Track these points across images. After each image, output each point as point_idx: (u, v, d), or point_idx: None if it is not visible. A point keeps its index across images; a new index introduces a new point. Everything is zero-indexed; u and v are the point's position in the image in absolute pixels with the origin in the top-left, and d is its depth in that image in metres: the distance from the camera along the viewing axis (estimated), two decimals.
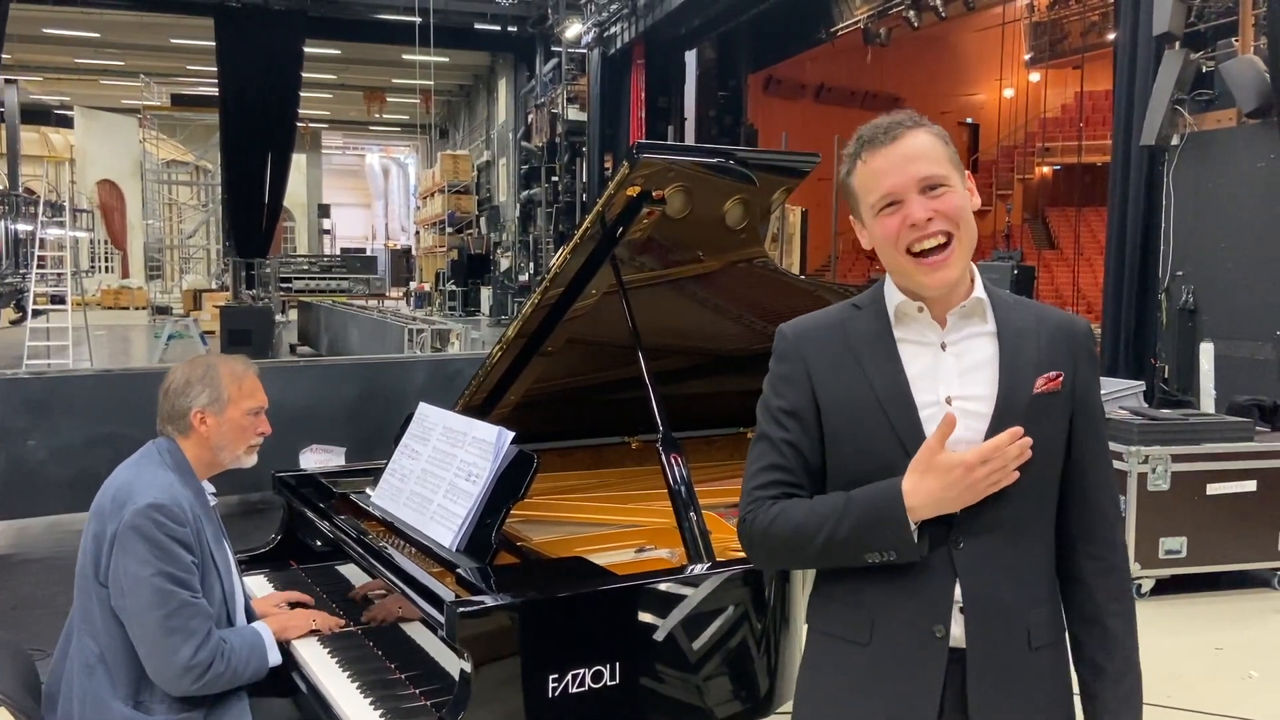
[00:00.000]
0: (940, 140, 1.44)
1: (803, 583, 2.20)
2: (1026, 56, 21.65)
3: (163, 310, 22.96)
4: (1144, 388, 5.78)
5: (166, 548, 2.00)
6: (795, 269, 12.70)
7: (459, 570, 2.02)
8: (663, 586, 1.98)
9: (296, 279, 24.51)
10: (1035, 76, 22.60)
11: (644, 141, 2.23)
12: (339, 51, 25.61)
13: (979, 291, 1.47)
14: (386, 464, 2.64)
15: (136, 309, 25.92)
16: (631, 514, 2.74)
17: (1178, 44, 7.22)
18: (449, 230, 28.60)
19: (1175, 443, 4.56)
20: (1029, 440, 1.36)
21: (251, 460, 2.27)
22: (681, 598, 1.99)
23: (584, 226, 2.35)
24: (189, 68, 27.86)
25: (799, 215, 12.85)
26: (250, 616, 2.29)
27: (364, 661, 2.16)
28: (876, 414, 1.43)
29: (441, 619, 1.81)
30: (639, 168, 2.20)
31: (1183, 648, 4.18)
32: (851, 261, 25.32)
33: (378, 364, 7.10)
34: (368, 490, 2.69)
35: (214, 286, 25.35)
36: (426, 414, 2.63)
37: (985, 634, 1.40)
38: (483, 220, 28.49)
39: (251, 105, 20.22)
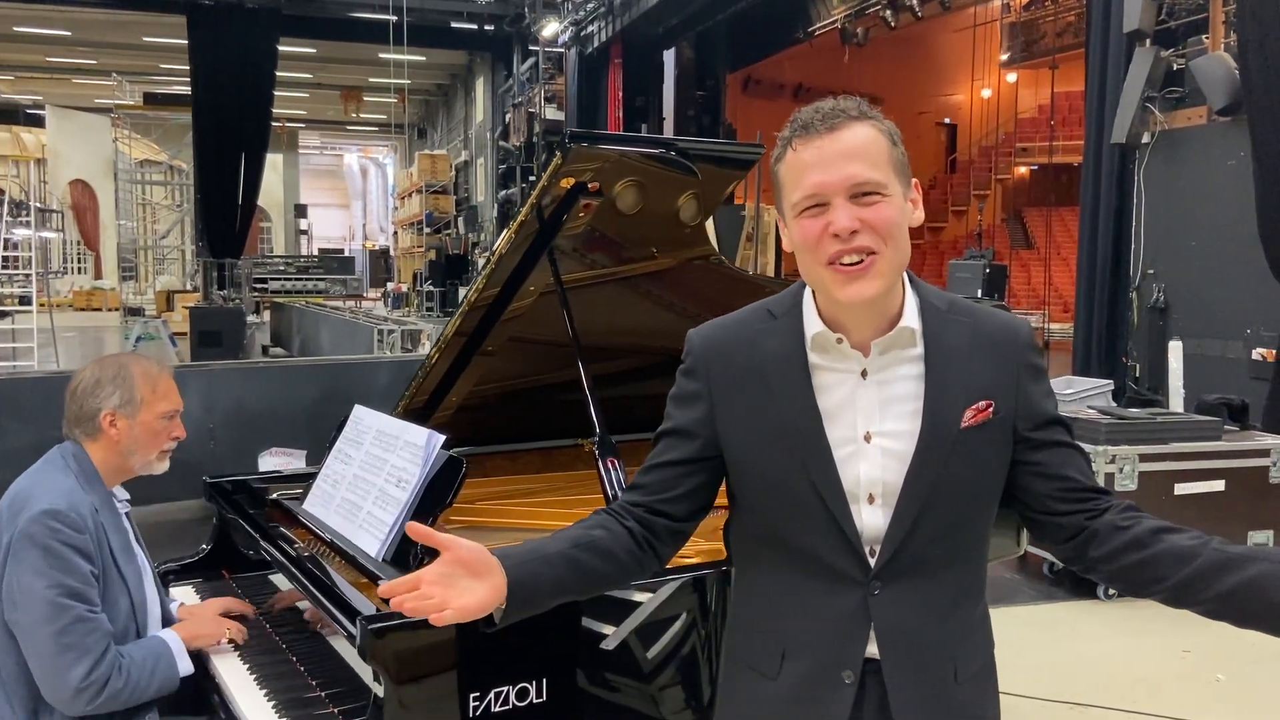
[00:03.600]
0: (886, 138, 1.26)
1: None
2: (1003, 57, 21.72)
3: (135, 312, 22.68)
4: (1112, 387, 5.74)
5: (63, 556, 1.89)
6: (770, 270, 12.63)
7: (380, 582, 1.92)
8: (595, 598, 1.87)
9: (272, 280, 24.27)
10: (1012, 77, 22.68)
11: (576, 130, 2.13)
12: (314, 50, 25.39)
13: (908, 319, 1.31)
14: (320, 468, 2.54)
15: (109, 310, 25.59)
16: (568, 520, 2.64)
17: (1148, 41, 7.20)
18: (427, 230, 28.42)
19: (1143, 442, 4.51)
20: (427, 588, 1.22)
21: (163, 466, 2.16)
22: (614, 609, 1.90)
23: (518, 219, 2.25)
24: (162, 66, 27.54)
25: (774, 216, 12.77)
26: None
27: (284, 679, 2.05)
28: (785, 449, 1.31)
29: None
30: (572, 158, 2.10)
31: (1150, 650, 4.12)
32: None
33: (341, 365, 6.99)
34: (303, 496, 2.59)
35: (188, 288, 25.08)
36: (361, 417, 2.52)
37: (907, 673, 1.32)
38: (460, 220, 28.32)
39: (225, 104, 19.99)
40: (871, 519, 1.30)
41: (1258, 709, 3.57)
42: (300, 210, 34.23)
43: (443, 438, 2.16)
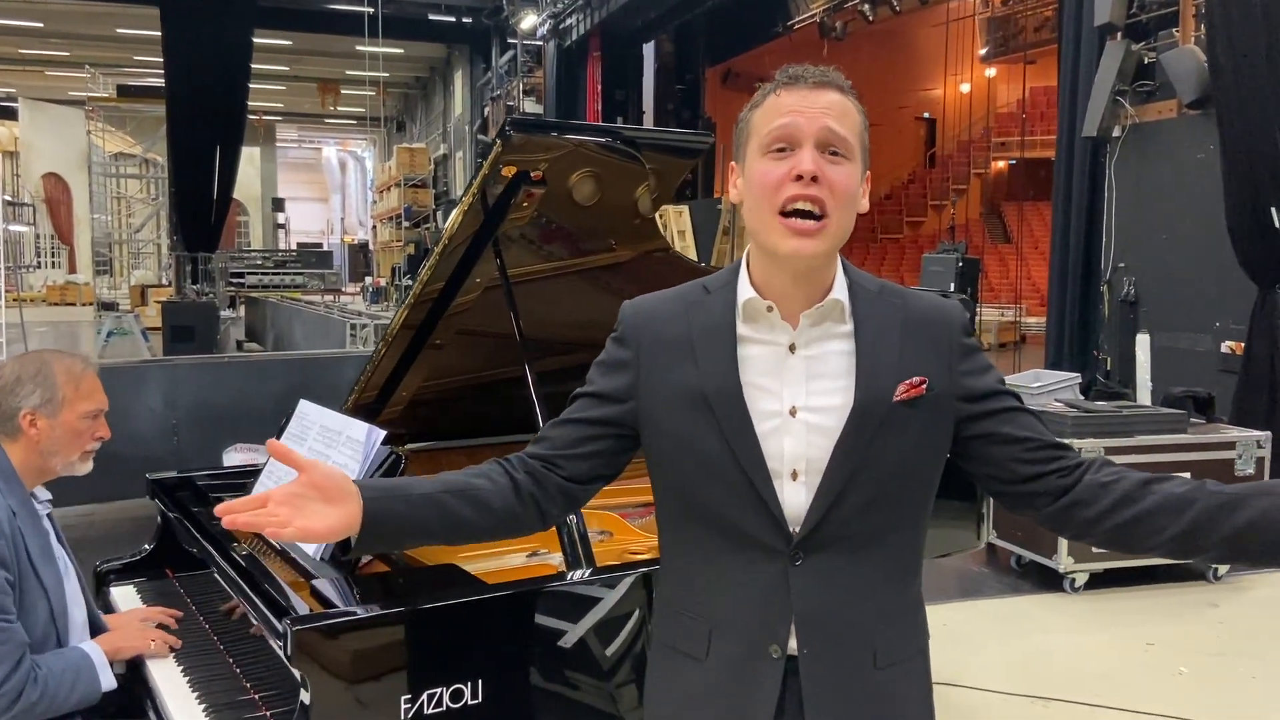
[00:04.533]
0: (862, 119, 1.29)
1: None
2: (981, 51, 21.76)
3: (109, 306, 22.43)
4: (1079, 380, 5.74)
5: None
6: None
7: (313, 582, 1.87)
8: (532, 596, 1.84)
9: (249, 274, 24.02)
10: (991, 71, 22.74)
11: (516, 118, 2.08)
12: (290, 42, 25.18)
13: (838, 292, 1.31)
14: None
15: (84, 305, 25.34)
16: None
17: (1120, 35, 7.20)
18: (406, 224, 28.22)
19: (1109, 435, 4.50)
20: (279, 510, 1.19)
21: (86, 467, 2.10)
22: (554, 607, 1.86)
23: (460, 209, 2.20)
24: (136, 58, 27.28)
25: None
26: (97, 636, 2.12)
27: (219, 681, 2.00)
28: (709, 421, 1.29)
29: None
30: (514, 146, 2.05)
31: (1114, 644, 4.12)
32: None
33: (310, 360, 6.92)
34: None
35: (162, 282, 24.84)
36: (306, 412, 2.47)
37: (823, 653, 1.28)
38: (440, 214, 28.17)
39: (200, 96, 19.74)
40: (794, 494, 1.28)
41: (1219, 701, 3.58)
42: (278, 204, 33.97)
43: (383, 433, 2.11)
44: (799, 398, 1.29)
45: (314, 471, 1.23)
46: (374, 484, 1.29)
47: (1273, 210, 5.84)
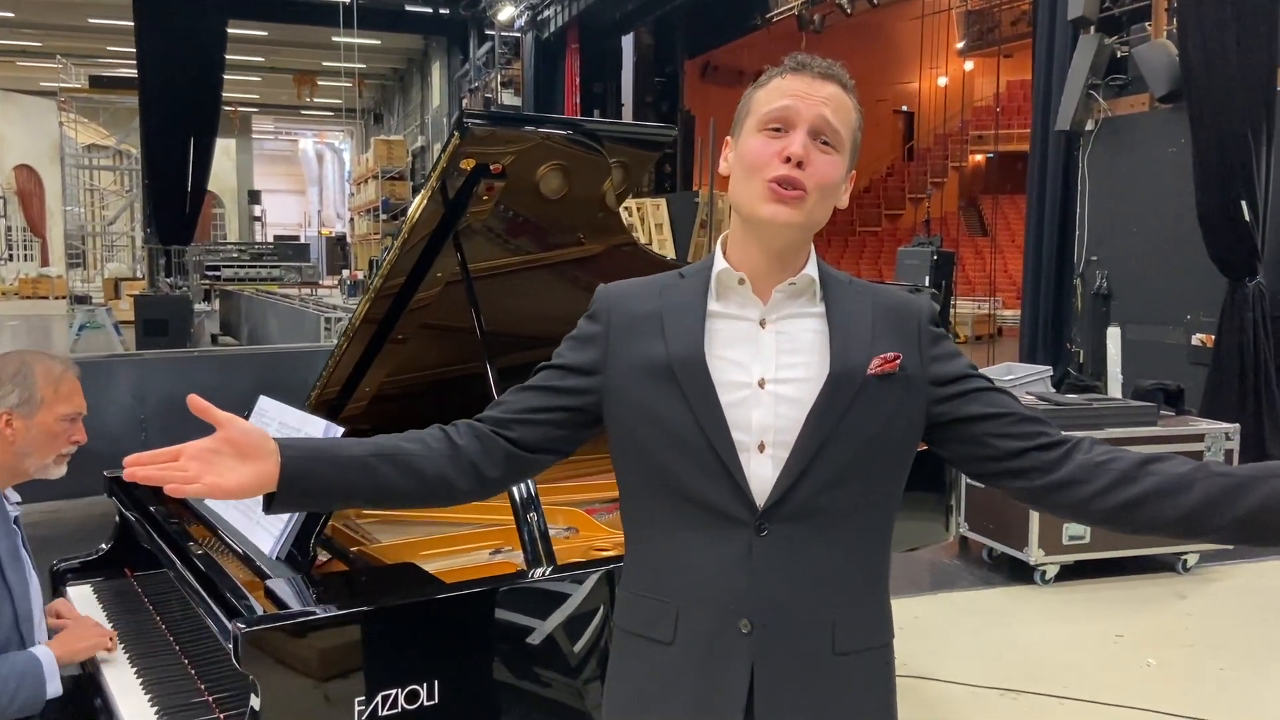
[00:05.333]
0: (857, 117, 1.35)
1: None
2: (959, 45, 21.82)
3: (82, 300, 22.17)
4: (1051, 373, 5.76)
5: None
6: None
7: (267, 582, 1.84)
8: (489, 595, 1.81)
9: (225, 267, 23.81)
10: (969, 64, 22.82)
11: (471, 110, 2.06)
12: (265, 33, 24.95)
13: (811, 269, 1.34)
14: None
15: (56, 298, 25.05)
16: (491, 512, 2.57)
17: (1093, 29, 7.23)
18: (383, 217, 28.03)
19: (1079, 428, 4.51)
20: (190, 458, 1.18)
21: (60, 471, 2.06)
22: (512, 606, 1.84)
23: (419, 202, 2.17)
24: (108, 49, 26.95)
25: (728, 203, 12.73)
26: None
27: (171, 681, 1.97)
28: (674, 392, 1.29)
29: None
30: (472, 139, 2.03)
31: (1083, 636, 4.14)
32: None
33: (282, 353, 6.85)
34: None
35: (137, 275, 24.57)
36: (265, 408, 2.44)
37: (779, 629, 1.27)
38: None
39: (173, 88, 19.43)
40: (761, 466, 1.27)
41: (1188, 694, 3.60)
42: (254, 196, 33.61)
43: (340, 429, 2.08)
44: (768, 370, 1.30)
45: (231, 428, 1.21)
46: (296, 443, 1.27)
47: (1243, 204, 5.89)
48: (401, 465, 1.31)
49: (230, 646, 1.61)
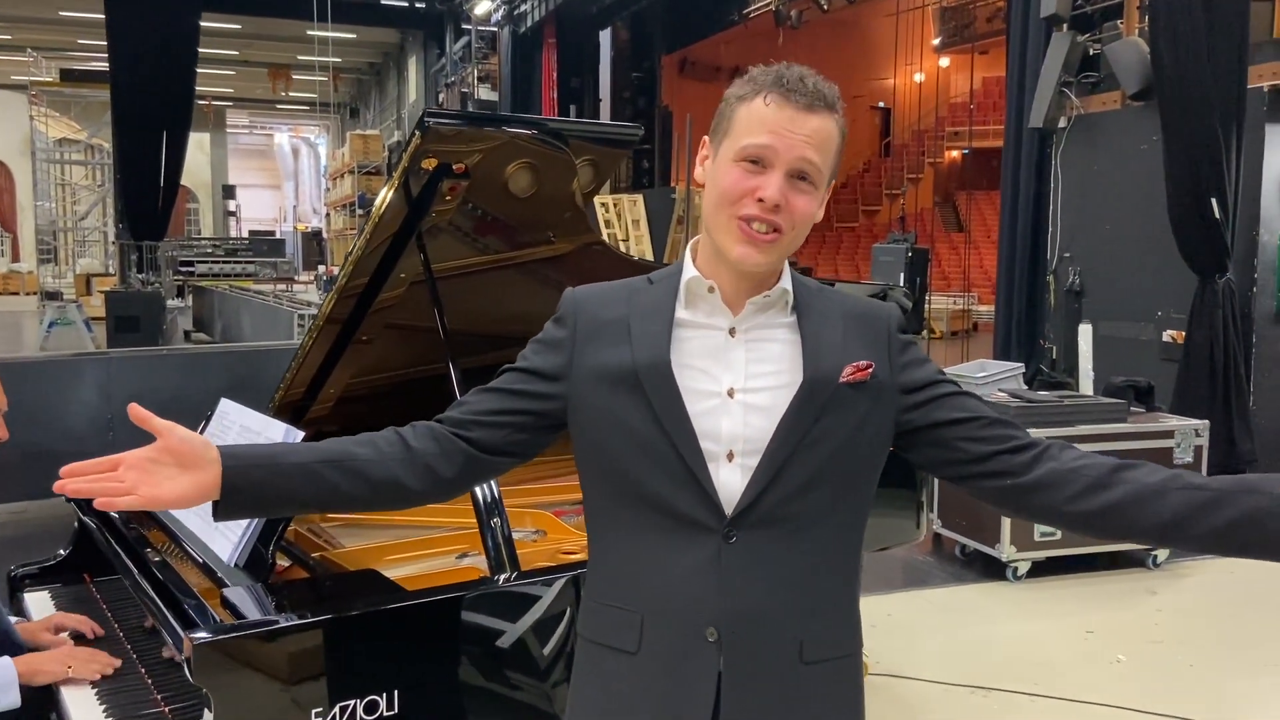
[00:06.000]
0: (840, 135, 1.30)
1: None
2: (935, 41, 21.90)
3: (53, 296, 21.89)
4: (1023, 370, 5.79)
5: None
6: None
7: (224, 591, 1.81)
8: (451, 603, 1.79)
9: (199, 263, 23.59)
10: (945, 61, 22.90)
11: (433, 109, 2.03)
12: (239, 26, 24.69)
13: (785, 282, 1.32)
14: None
15: (27, 294, 24.74)
16: (458, 516, 2.54)
17: (1065, 26, 7.25)
18: (360, 212, 27.85)
19: (1050, 425, 4.54)
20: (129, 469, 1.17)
21: None
22: (475, 613, 1.81)
23: (382, 200, 2.14)
24: (79, 41, 26.61)
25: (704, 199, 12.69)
26: (14, 648, 2.04)
27: (127, 692, 1.93)
28: (637, 394, 1.28)
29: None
30: (432, 137, 1.99)
31: (1053, 632, 4.16)
32: None
33: (254, 351, 6.77)
34: None
35: (108, 271, 24.28)
36: (226, 411, 2.40)
37: (745, 641, 1.26)
38: None
39: (146, 81, 19.21)
40: (730, 475, 1.26)
41: (1156, 689, 3.62)
42: (229, 191, 33.30)
43: (301, 434, 2.05)
44: (738, 380, 1.28)
45: (170, 436, 1.19)
46: (239, 451, 1.25)
47: (1213, 201, 5.93)
48: (349, 470, 1.29)
49: (184, 659, 1.57)
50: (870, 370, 1.30)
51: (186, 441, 1.19)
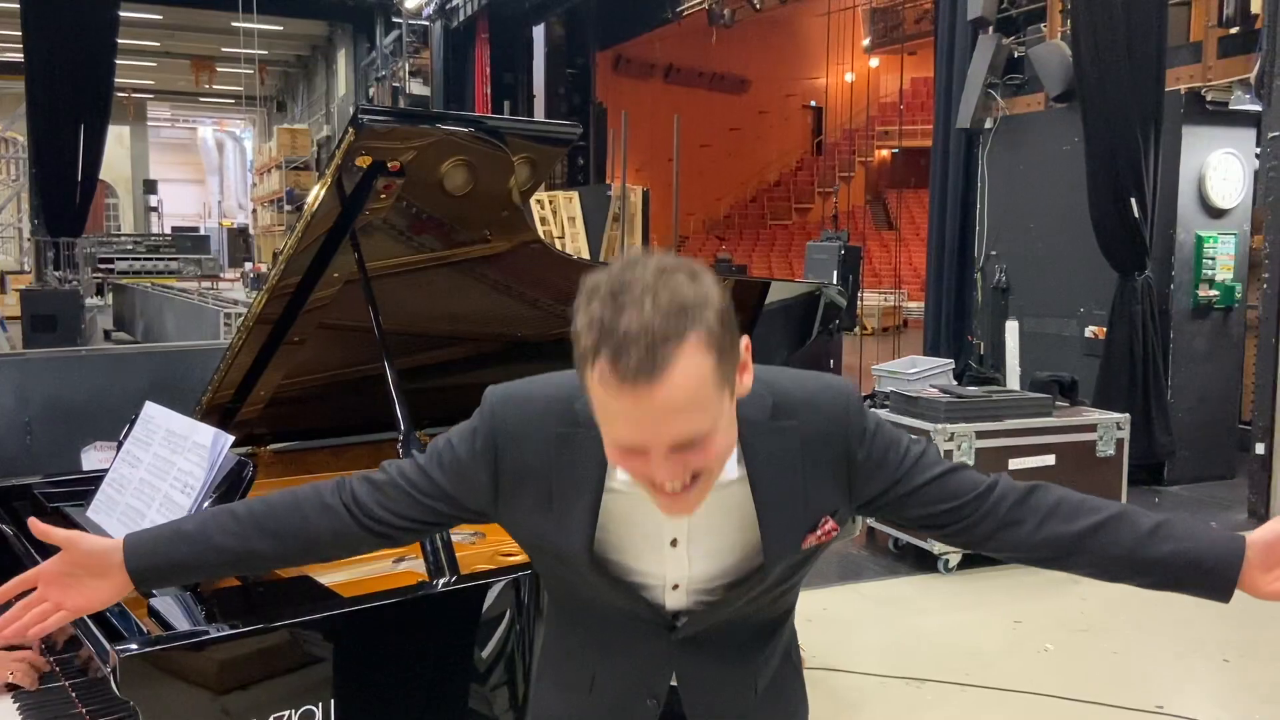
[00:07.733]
0: (714, 356, 1.01)
1: None
2: (865, 42, 22.22)
3: None
4: (953, 366, 5.91)
5: None
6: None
7: (151, 601, 1.75)
8: (387, 610, 1.76)
9: (120, 260, 22.93)
10: (875, 61, 23.25)
11: (367, 106, 1.99)
12: (160, 17, 23.99)
13: (729, 472, 1.17)
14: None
15: None
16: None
17: (991, 29, 7.42)
18: (288, 208, 27.29)
19: (979, 420, 4.64)
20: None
21: None
22: (412, 619, 1.78)
23: (315, 196, 2.09)
24: None
25: (640, 195, 12.74)
26: None
27: (49, 706, 1.86)
28: (561, 559, 1.28)
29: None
30: (365, 134, 1.96)
31: (982, 623, 4.25)
32: (701, 242, 25.54)
33: (177, 351, 6.57)
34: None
35: (24, 268, 23.43)
36: (151, 415, 2.32)
37: (705, 702, 1.35)
38: None
39: (62, 73, 18.51)
40: (675, 599, 1.29)
41: (1083, 677, 3.72)
42: (150, 186, 32.35)
43: (230, 439, 2.00)
44: (680, 533, 1.23)
45: (75, 550, 1.25)
46: (142, 545, 1.29)
47: (1132, 201, 6.12)
48: (245, 558, 1.33)
49: (109, 672, 1.52)
50: (834, 529, 1.25)
51: (90, 554, 1.25)
